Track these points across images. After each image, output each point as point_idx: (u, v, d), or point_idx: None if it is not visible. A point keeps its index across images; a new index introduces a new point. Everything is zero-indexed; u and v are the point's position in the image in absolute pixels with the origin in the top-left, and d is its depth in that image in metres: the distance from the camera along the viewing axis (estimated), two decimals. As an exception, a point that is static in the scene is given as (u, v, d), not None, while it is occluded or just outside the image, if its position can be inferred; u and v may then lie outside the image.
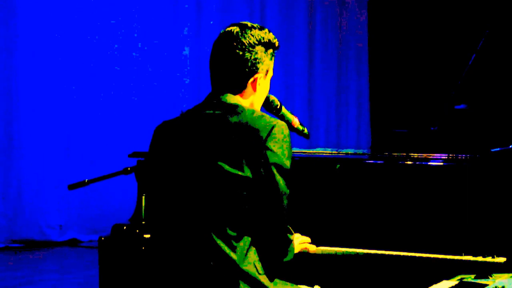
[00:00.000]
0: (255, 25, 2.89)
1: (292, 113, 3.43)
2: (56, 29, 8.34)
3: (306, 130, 3.48)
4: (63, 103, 8.42)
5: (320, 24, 10.89)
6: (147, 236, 3.67)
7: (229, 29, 2.87)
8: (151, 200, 2.88)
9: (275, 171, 2.70)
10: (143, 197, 3.82)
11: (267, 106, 3.24)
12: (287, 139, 2.75)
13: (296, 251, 3.00)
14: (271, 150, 2.69)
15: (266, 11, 10.25)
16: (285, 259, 2.81)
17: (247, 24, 2.87)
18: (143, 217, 3.80)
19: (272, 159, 2.69)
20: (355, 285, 3.38)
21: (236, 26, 2.87)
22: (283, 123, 2.76)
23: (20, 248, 8.05)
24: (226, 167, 2.69)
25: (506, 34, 5.32)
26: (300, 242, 3.26)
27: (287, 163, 2.73)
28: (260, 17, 10.06)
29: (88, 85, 8.59)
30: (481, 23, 6.57)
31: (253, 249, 2.73)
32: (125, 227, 3.74)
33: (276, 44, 2.90)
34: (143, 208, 3.81)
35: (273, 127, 2.71)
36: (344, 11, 11.14)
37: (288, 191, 2.75)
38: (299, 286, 2.95)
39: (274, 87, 3.00)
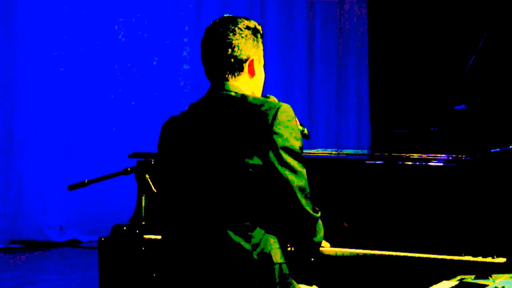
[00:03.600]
0: (235, 16, 2.92)
1: (292, 113, 3.42)
2: (56, 29, 8.33)
3: (306, 131, 3.47)
4: (64, 103, 8.41)
5: (320, 24, 10.89)
6: (147, 236, 3.67)
7: (214, 22, 2.90)
8: (162, 197, 2.88)
9: (285, 154, 2.70)
10: (143, 197, 3.82)
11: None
12: (293, 120, 2.76)
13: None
14: (278, 134, 2.70)
15: (266, 11, 10.24)
16: (316, 239, 2.82)
17: (230, 16, 2.92)
18: (143, 217, 3.81)
19: (280, 143, 2.70)
20: (355, 285, 3.38)
21: (220, 19, 2.91)
22: (287, 104, 2.78)
23: (20, 248, 8.05)
24: (236, 157, 2.69)
25: (506, 34, 5.32)
26: None
27: (297, 144, 2.74)
28: (260, 17, 10.06)
29: (89, 86, 8.58)
30: (481, 24, 6.57)
31: (269, 237, 2.72)
32: (125, 228, 3.74)
33: (261, 31, 2.94)
34: (143, 208, 3.82)
35: (277, 110, 2.72)
36: (344, 11, 11.14)
37: (303, 170, 2.75)
38: (299, 285, 2.96)
39: (274, 88, 3.02)
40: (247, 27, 2.87)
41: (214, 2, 9.62)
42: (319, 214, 2.83)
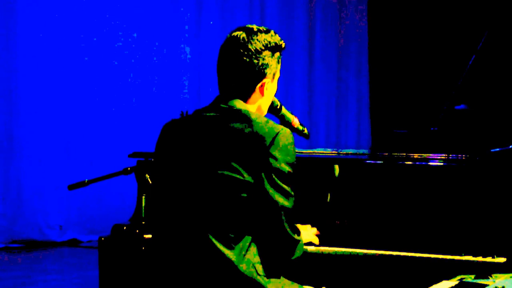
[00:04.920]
0: (261, 28, 2.89)
1: (292, 113, 3.43)
2: (56, 29, 8.33)
3: (306, 130, 3.48)
4: (63, 103, 8.41)
5: (320, 24, 10.89)
6: (147, 236, 3.67)
7: (235, 34, 2.86)
8: (153, 199, 2.89)
9: (275, 177, 2.72)
10: (143, 197, 3.82)
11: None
12: (291, 146, 2.77)
13: (304, 241, 3.04)
14: (273, 157, 2.71)
15: (266, 11, 10.24)
16: (293, 257, 2.84)
17: (253, 29, 2.87)
18: (143, 217, 3.81)
19: (274, 165, 2.72)
20: (355, 285, 3.38)
21: (242, 31, 2.86)
22: (287, 130, 2.78)
23: (20, 248, 8.05)
24: (227, 170, 2.70)
25: (506, 34, 5.32)
26: (308, 236, 3.30)
27: (287, 168, 2.75)
28: (260, 17, 10.06)
29: (88, 85, 8.58)
30: (481, 24, 6.57)
31: (252, 249, 2.74)
32: (125, 227, 3.74)
33: (283, 46, 2.92)
34: (143, 208, 3.82)
35: (277, 134, 2.73)
36: (344, 11, 11.13)
37: (292, 194, 2.78)
38: (303, 287, 2.96)
39: (274, 87, 3.01)
40: (267, 46, 2.85)
41: (214, 2, 9.61)
42: (300, 237, 2.85)
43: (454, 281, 2.90)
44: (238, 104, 2.82)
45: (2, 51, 8.06)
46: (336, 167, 3.64)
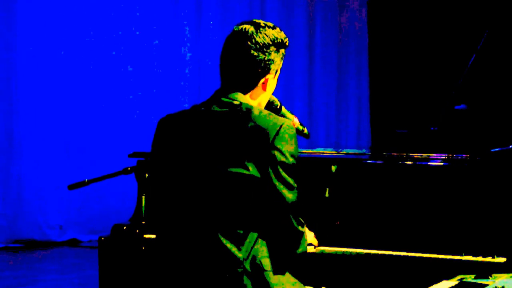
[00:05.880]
0: (268, 23, 2.88)
1: (292, 113, 3.43)
2: (56, 29, 8.33)
3: (306, 130, 3.48)
4: (63, 103, 8.41)
5: (320, 24, 10.89)
6: (147, 236, 3.67)
7: (242, 27, 2.85)
8: (154, 197, 2.88)
9: (281, 170, 2.72)
10: (143, 197, 3.82)
11: (267, 106, 3.24)
12: (294, 138, 2.77)
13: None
14: (278, 150, 2.72)
15: (266, 11, 10.24)
16: (298, 251, 2.84)
17: (260, 23, 2.86)
18: (143, 217, 3.80)
19: (280, 158, 2.71)
20: (355, 285, 3.38)
21: (250, 24, 2.85)
22: (290, 122, 2.79)
23: (20, 248, 8.05)
24: (232, 165, 2.70)
25: (506, 34, 5.32)
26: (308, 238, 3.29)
27: (292, 160, 2.75)
28: (260, 17, 10.05)
29: (88, 85, 8.58)
30: (481, 23, 6.57)
31: (259, 245, 2.74)
32: (125, 227, 3.74)
33: (287, 43, 2.91)
34: (143, 208, 3.82)
35: (280, 126, 2.73)
36: (344, 11, 11.13)
37: (295, 186, 2.78)
38: (305, 287, 2.96)
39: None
40: (273, 42, 2.84)
41: (214, 2, 9.61)
42: (304, 229, 2.86)
43: (454, 281, 2.90)
44: (240, 97, 2.81)
45: (2, 51, 8.06)
46: (333, 167, 3.64)
